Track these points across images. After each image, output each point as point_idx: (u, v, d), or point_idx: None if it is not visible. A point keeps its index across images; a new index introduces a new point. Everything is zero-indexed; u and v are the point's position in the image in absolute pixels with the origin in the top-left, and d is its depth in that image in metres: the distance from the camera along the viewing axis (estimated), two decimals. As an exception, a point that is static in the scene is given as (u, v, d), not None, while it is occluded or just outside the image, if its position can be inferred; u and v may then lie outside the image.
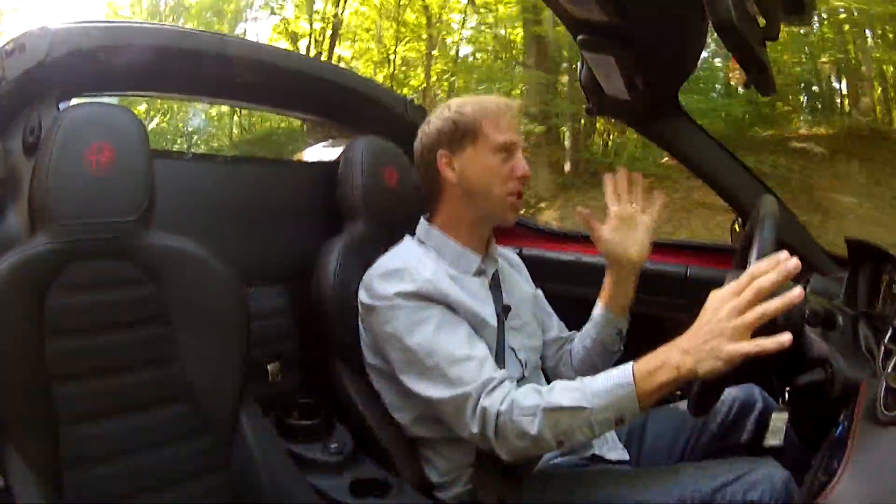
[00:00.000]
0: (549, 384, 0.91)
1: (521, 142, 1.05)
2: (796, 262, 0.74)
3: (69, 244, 0.83)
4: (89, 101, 0.93)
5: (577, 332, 1.21)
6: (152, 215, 0.89)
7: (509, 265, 1.20)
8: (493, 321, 1.03)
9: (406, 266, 1.00)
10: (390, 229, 1.17)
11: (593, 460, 1.07)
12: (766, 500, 0.86)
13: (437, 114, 1.07)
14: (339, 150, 1.32)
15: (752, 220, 0.99)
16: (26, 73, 0.93)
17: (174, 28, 1.30)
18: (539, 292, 1.24)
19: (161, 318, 0.90)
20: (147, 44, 1.07)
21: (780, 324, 0.76)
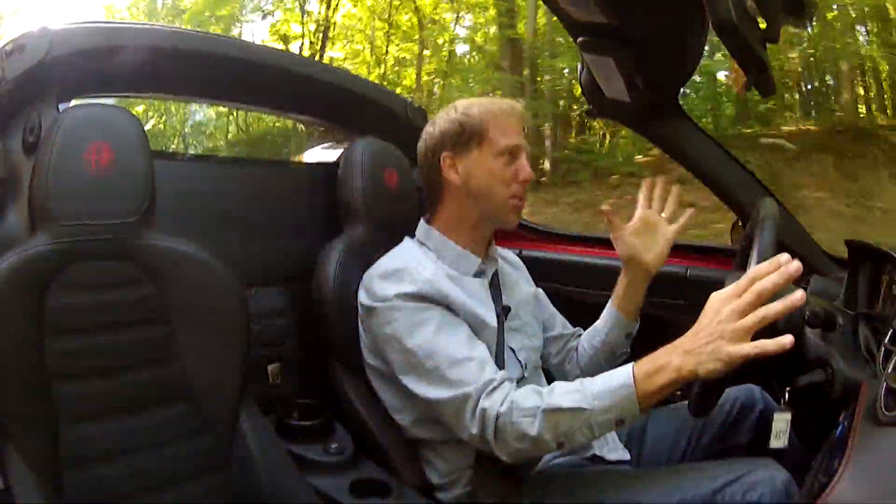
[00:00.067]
0: (550, 385, 0.91)
1: (525, 145, 1.05)
2: (797, 265, 0.74)
3: (69, 244, 0.83)
4: (89, 101, 0.93)
5: (581, 329, 1.22)
6: (153, 216, 0.89)
7: (509, 265, 1.20)
8: (492, 322, 1.03)
9: (406, 267, 1.00)
10: (390, 231, 1.16)
11: (593, 461, 1.07)
12: (767, 501, 0.86)
13: (443, 115, 1.06)
14: (340, 152, 1.32)
15: (753, 221, 0.99)
16: (26, 73, 0.93)
17: (174, 29, 1.30)
18: (540, 291, 1.24)
19: (161, 319, 0.90)
20: (147, 45, 1.07)
21: (781, 326, 0.76)
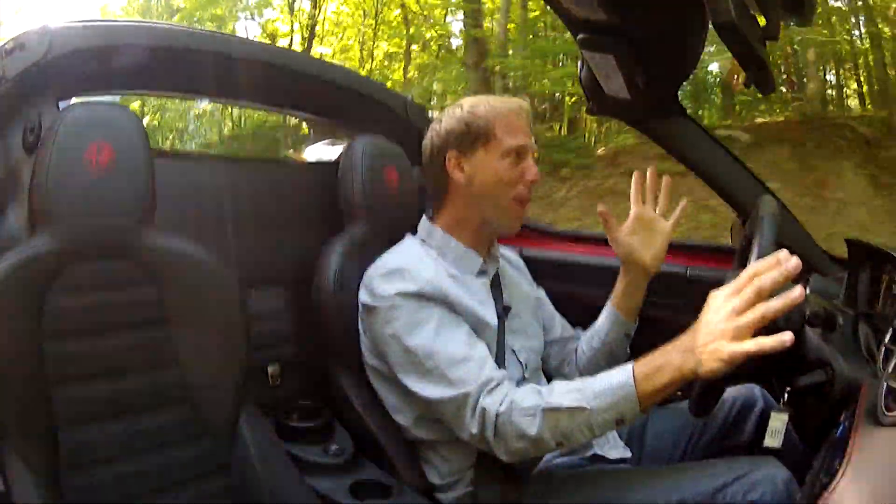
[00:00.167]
0: (549, 384, 0.91)
1: (532, 145, 1.03)
2: (797, 262, 0.74)
3: (69, 244, 0.83)
4: (89, 100, 0.92)
5: (581, 330, 1.21)
6: (153, 216, 0.89)
7: (510, 266, 1.19)
8: (493, 322, 1.02)
9: (407, 266, 1.00)
10: (390, 230, 1.16)
11: (594, 460, 1.07)
12: (767, 500, 0.86)
13: (449, 113, 1.05)
14: (339, 150, 1.31)
15: (752, 220, 0.99)
16: (26, 71, 0.93)
17: (174, 27, 1.30)
18: (542, 293, 1.23)
19: (161, 320, 0.89)
20: (147, 43, 1.07)
21: (781, 325, 0.75)
